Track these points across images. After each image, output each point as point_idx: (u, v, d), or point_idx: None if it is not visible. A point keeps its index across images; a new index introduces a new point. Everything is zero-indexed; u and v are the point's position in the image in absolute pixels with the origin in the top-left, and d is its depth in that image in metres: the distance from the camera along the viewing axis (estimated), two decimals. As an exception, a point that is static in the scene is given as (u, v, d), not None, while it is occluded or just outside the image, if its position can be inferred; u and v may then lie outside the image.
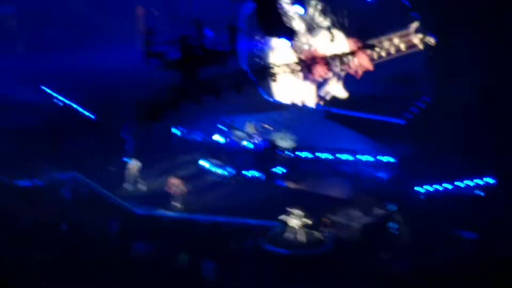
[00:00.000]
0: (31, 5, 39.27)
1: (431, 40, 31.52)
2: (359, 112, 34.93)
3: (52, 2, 38.41)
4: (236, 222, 26.28)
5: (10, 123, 33.92)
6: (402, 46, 32.55)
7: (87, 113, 35.94)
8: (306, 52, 36.44)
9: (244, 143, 32.17)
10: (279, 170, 31.40)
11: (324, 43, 35.32)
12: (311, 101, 37.02)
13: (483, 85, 29.68)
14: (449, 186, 27.76)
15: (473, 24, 28.86)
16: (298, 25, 35.41)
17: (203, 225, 26.24)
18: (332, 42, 34.60)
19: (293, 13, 34.24)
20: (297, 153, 32.24)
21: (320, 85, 36.77)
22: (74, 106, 36.47)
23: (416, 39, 31.86)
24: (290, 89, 37.47)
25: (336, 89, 36.19)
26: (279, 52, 37.80)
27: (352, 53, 29.67)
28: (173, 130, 34.42)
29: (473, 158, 28.72)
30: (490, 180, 27.88)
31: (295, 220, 24.94)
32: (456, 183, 27.78)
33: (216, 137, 32.53)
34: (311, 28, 36.22)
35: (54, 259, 22.84)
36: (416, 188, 27.87)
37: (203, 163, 31.62)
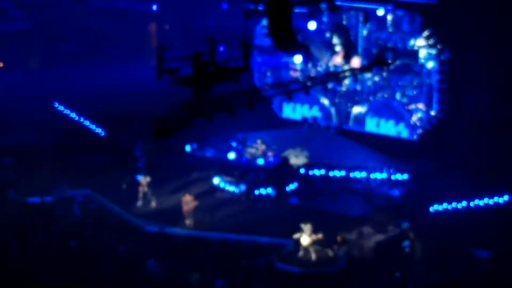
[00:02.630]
0: (46, 21, 39.48)
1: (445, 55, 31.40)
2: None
3: (66, 19, 38.59)
4: (248, 239, 26.12)
5: (23, 140, 33.99)
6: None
7: (99, 130, 35.92)
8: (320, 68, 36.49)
9: (257, 160, 32.09)
10: (291, 187, 31.25)
11: (338, 60, 35.32)
12: (324, 118, 36.94)
13: (497, 101, 29.53)
14: (463, 203, 27.51)
15: (488, 39, 28.74)
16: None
17: (214, 242, 26.09)
18: (346, 58, 34.57)
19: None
20: (309, 170, 32.09)
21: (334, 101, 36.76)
22: (87, 122, 36.48)
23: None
24: (303, 106, 37.41)
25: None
26: (293, 68, 37.77)
27: (368, 69, 29.42)
28: (186, 147, 34.31)
29: (487, 175, 28.51)
30: (505, 197, 27.62)
31: (307, 238, 24.74)
32: (470, 200, 27.52)
33: (229, 154, 32.47)
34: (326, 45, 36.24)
35: (64, 276, 22.79)
36: (429, 206, 27.65)
37: (215, 180, 31.50)
